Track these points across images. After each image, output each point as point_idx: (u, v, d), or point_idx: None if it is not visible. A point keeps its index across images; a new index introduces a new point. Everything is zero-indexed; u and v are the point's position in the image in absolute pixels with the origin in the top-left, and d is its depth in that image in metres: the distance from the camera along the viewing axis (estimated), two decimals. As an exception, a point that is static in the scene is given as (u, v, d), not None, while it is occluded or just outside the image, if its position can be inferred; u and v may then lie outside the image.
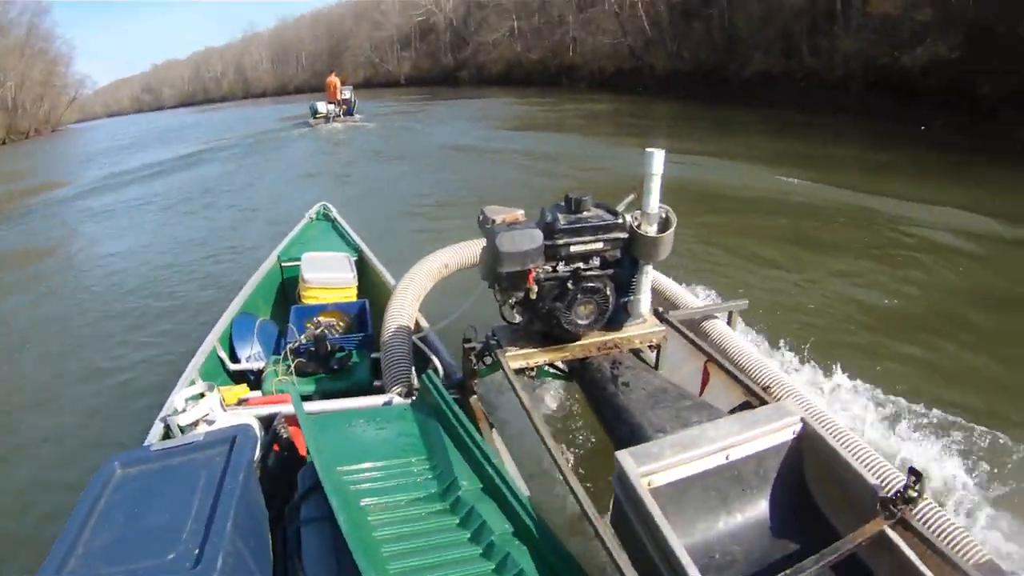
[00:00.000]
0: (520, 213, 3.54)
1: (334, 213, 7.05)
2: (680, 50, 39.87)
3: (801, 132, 21.58)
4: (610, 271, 3.59)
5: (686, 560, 2.20)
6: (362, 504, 2.63)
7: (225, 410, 3.51)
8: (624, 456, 2.62)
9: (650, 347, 4.05)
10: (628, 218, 3.55)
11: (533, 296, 3.43)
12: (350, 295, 5.47)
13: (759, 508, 2.94)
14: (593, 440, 4.71)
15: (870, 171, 14.59)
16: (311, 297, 5.44)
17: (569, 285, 3.47)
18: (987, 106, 19.88)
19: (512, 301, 3.53)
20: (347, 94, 31.03)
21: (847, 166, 15.34)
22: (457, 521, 2.65)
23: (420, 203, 13.45)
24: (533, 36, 55.24)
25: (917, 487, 2.57)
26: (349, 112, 30.65)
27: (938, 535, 2.61)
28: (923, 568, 2.39)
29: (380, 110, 37.15)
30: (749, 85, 32.70)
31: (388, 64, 71.35)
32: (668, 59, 41.02)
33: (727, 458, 2.82)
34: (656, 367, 4.22)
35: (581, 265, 3.49)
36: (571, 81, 49.09)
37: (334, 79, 30.59)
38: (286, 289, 5.98)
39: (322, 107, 30.05)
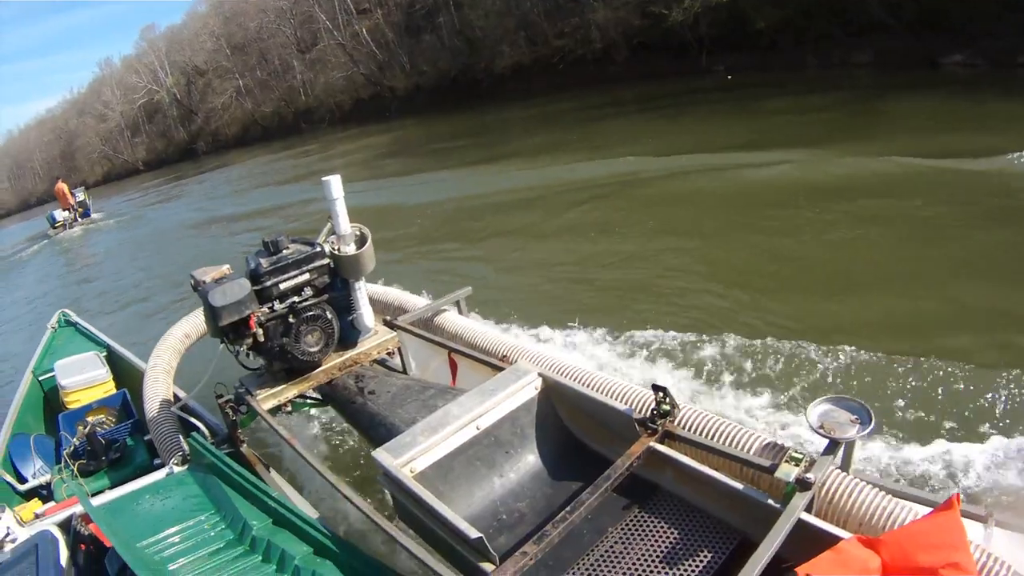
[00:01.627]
0: (226, 268, 3.90)
1: (74, 317, 7.00)
2: (417, 66, 39.46)
3: (572, 115, 21.34)
4: (325, 296, 3.98)
5: (465, 526, 2.41)
6: (171, 569, 2.83)
7: (23, 526, 3.65)
8: (380, 453, 2.86)
9: (388, 354, 4.44)
10: (327, 245, 3.94)
11: (261, 339, 3.77)
12: (109, 389, 5.60)
13: (529, 463, 3.20)
14: (364, 451, 4.99)
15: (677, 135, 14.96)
16: (74, 401, 5.55)
17: (291, 319, 3.82)
18: (766, 40, 20.56)
19: (244, 349, 3.82)
20: (80, 196, 29.44)
21: (609, 142, 15.68)
22: (260, 558, 2.88)
23: (162, 286, 13.47)
24: (261, 90, 53.42)
25: (667, 400, 2.89)
26: (86, 214, 29.08)
27: (706, 434, 2.91)
28: (702, 467, 2.68)
29: (120, 205, 35.22)
30: (504, 81, 32.50)
31: (123, 154, 67.14)
32: (407, 77, 40.51)
33: (478, 428, 3.09)
34: (404, 370, 4.64)
35: (295, 299, 3.84)
36: (310, 125, 47.54)
37: (62, 186, 28.98)
38: (50, 400, 5.95)
39: (59, 215, 28.30)
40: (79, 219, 28.62)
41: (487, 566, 2.32)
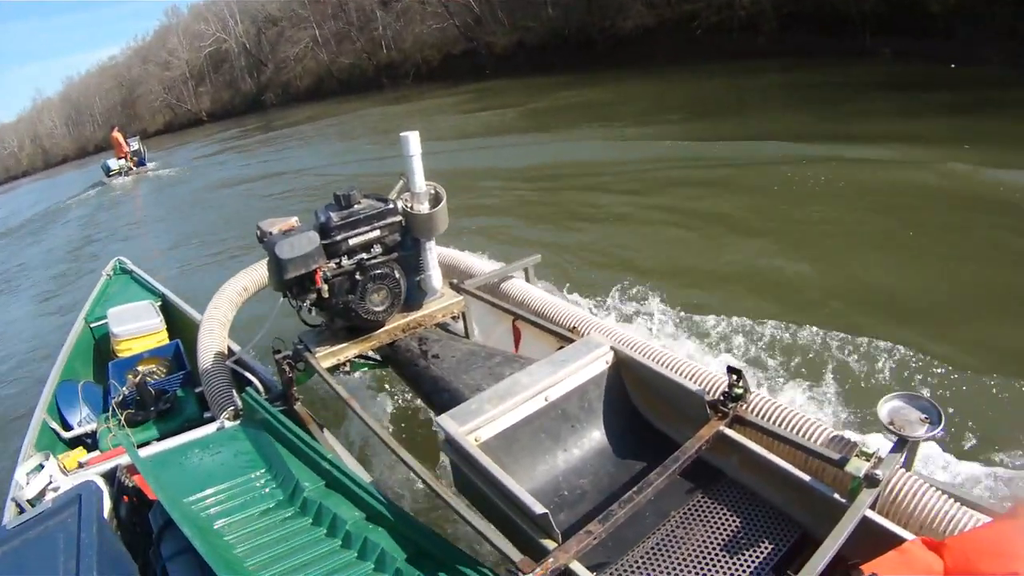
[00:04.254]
0: (294, 220, 3.88)
1: (130, 265, 7.02)
2: (520, 20, 36.24)
3: (712, 92, 19.19)
4: (394, 255, 3.92)
5: (530, 500, 2.37)
6: (216, 527, 2.79)
7: (67, 475, 3.69)
8: (444, 419, 2.81)
9: (453, 318, 4.39)
10: (399, 202, 3.88)
11: (325, 295, 3.72)
12: (162, 339, 5.63)
13: (594, 439, 3.14)
14: (422, 416, 4.96)
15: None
16: (125, 349, 5.58)
17: (357, 276, 3.77)
18: (941, 24, 17.63)
19: (307, 304, 3.80)
20: (135, 145, 30.05)
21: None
22: (310, 520, 2.82)
23: (214, 239, 13.47)
24: (339, 41, 52.23)
25: (740, 384, 2.84)
26: (141, 163, 29.67)
27: (775, 422, 2.88)
28: (769, 456, 2.65)
29: (179, 155, 35.58)
30: (628, 44, 28.95)
31: (186, 103, 67.40)
32: (509, 33, 37.30)
33: (546, 400, 3.03)
34: (467, 335, 4.63)
35: (364, 255, 3.78)
36: (393, 80, 45.59)
37: (117, 134, 29.81)
38: (100, 348, 6.05)
39: (114, 164, 28.99)
40: (134, 168, 29.09)
41: (549, 543, 2.28)
